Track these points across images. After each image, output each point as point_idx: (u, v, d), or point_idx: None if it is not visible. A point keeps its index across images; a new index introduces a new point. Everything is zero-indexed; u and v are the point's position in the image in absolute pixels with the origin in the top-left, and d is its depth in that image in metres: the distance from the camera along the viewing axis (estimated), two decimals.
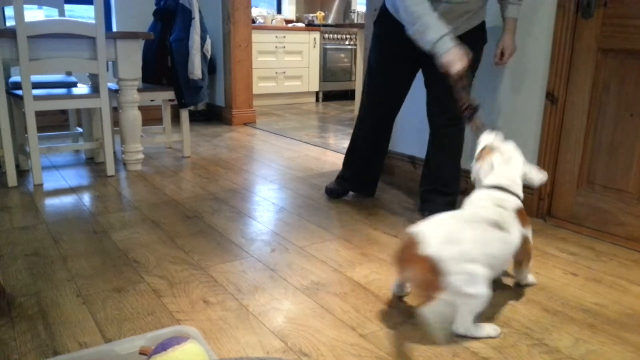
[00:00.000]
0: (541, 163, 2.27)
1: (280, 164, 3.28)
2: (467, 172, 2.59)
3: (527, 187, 2.34)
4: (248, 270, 1.76)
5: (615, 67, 2.00)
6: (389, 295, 1.60)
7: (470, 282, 1.32)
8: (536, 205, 2.32)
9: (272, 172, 3.04)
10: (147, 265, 1.79)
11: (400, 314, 1.49)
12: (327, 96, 6.76)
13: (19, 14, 2.45)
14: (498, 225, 1.43)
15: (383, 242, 2.03)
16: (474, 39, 2.10)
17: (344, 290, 1.64)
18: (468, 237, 1.36)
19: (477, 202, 1.55)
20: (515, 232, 1.48)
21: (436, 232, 1.36)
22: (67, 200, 2.49)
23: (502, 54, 2.19)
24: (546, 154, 2.25)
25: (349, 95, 6.93)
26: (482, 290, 1.34)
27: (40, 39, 2.58)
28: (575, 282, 1.72)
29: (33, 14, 4.13)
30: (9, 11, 3.82)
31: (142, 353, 1.07)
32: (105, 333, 1.38)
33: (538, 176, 1.65)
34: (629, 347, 1.35)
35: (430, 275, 1.31)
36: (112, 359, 1.09)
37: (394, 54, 2.23)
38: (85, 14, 4.71)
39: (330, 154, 3.60)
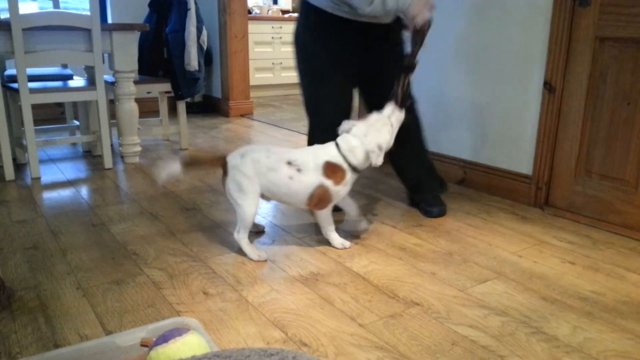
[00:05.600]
0: (539, 152, 2.27)
1: None
2: (452, 158, 2.60)
3: (523, 176, 2.35)
4: (247, 262, 1.77)
5: (613, 55, 1.99)
6: (388, 285, 1.61)
7: (237, 190, 1.74)
8: (534, 195, 2.32)
9: None
10: (146, 258, 1.79)
11: (399, 304, 1.50)
12: None
13: (14, 6, 2.43)
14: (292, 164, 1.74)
15: (381, 233, 2.03)
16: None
17: (343, 280, 1.64)
18: (259, 160, 1.73)
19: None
20: (311, 176, 1.74)
21: (240, 151, 1.78)
22: (65, 193, 2.48)
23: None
24: (544, 143, 2.25)
25: None
26: (243, 202, 1.73)
27: (36, 31, 2.57)
28: (573, 270, 1.73)
29: (27, 7, 4.09)
30: (3, 3, 3.79)
31: (143, 345, 1.08)
32: (106, 325, 1.38)
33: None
34: (626, 334, 1.37)
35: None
36: (114, 351, 1.09)
37: (343, 48, 2.06)
38: (80, 6, 4.67)
39: None
